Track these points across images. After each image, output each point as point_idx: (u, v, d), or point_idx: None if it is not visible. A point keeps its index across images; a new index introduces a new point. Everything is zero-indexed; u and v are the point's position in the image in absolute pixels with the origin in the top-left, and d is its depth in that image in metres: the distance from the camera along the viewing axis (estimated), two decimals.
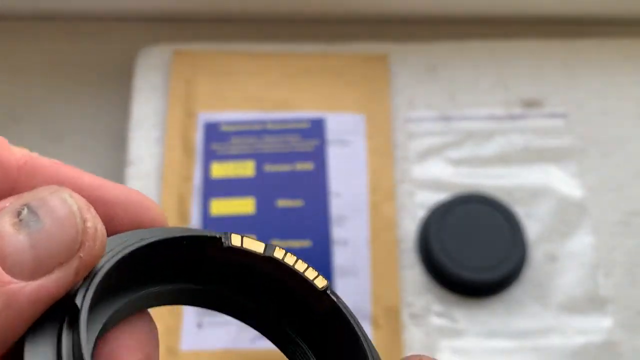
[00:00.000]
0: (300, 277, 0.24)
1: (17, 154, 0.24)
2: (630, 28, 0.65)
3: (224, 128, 0.59)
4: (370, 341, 0.24)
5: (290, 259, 0.25)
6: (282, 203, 0.57)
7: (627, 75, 0.63)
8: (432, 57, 0.63)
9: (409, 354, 0.26)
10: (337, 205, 0.57)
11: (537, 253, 0.56)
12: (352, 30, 0.65)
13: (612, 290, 0.55)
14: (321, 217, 0.56)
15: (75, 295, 0.21)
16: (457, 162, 0.59)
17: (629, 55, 0.63)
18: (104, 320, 0.23)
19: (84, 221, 0.22)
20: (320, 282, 0.24)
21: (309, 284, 0.24)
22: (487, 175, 0.58)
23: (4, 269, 0.20)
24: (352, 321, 0.24)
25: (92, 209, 0.22)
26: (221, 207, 0.56)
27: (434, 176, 0.58)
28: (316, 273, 0.25)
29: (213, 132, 0.59)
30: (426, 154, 0.59)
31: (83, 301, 0.21)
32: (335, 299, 0.24)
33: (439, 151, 0.59)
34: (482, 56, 0.63)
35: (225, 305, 0.26)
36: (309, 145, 0.58)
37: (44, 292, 0.21)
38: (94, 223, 0.22)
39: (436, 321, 0.54)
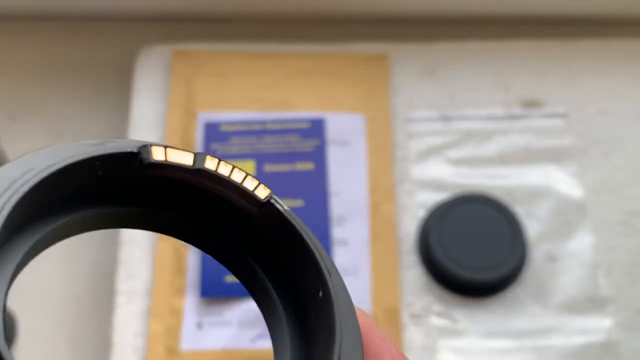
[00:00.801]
0: (239, 189, 0.22)
1: None
2: (630, 28, 0.65)
3: (224, 128, 0.59)
4: (324, 252, 0.22)
5: (224, 169, 0.21)
6: None
7: (627, 75, 0.63)
8: (432, 57, 0.63)
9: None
10: (337, 205, 0.57)
11: (537, 253, 0.56)
12: (352, 30, 0.65)
13: (612, 290, 0.55)
14: (321, 217, 0.56)
15: None
16: (457, 162, 0.59)
17: (629, 55, 0.63)
18: (16, 262, 0.19)
19: None
20: (262, 192, 0.22)
21: (249, 196, 0.22)
22: (487, 175, 0.58)
23: None
24: (301, 231, 0.21)
25: None
26: None
27: (434, 176, 0.58)
28: (256, 182, 0.22)
29: (213, 132, 0.59)
30: (426, 154, 0.59)
31: None
32: (280, 208, 0.22)
33: (439, 151, 0.59)
34: (482, 56, 0.63)
35: (160, 226, 0.23)
36: (309, 145, 0.58)
37: None
38: None
39: (436, 321, 0.54)
